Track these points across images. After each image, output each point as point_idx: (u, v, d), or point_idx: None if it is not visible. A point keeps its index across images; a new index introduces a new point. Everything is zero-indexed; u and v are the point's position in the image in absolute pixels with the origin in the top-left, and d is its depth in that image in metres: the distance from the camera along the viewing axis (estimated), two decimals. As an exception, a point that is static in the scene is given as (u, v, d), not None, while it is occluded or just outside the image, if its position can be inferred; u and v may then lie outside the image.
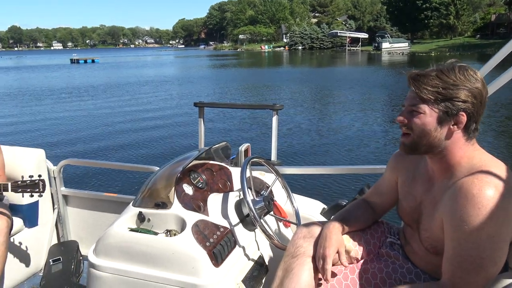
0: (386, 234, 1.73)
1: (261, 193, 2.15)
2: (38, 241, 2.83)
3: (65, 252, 2.81)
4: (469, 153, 1.36)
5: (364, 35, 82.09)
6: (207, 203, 1.94)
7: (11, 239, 2.60)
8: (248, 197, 1.80)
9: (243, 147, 2.57)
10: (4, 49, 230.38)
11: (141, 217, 1.78)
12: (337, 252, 1.54)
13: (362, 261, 1.64)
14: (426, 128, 1.34)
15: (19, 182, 2.23)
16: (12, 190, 2.23)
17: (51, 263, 2.72)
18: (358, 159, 9.00)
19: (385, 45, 68.03)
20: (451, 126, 1.33)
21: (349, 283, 1.56)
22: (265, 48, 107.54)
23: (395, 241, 1.68)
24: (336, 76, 29.09)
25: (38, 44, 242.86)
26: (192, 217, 1.73)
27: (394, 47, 66.36)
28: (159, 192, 1.84)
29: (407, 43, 69.50)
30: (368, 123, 12.97)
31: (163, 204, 1.78)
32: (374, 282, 1.56)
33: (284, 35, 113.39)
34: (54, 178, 2.93)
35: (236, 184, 2.21)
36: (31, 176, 2.26)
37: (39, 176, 2.28)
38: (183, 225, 1.70)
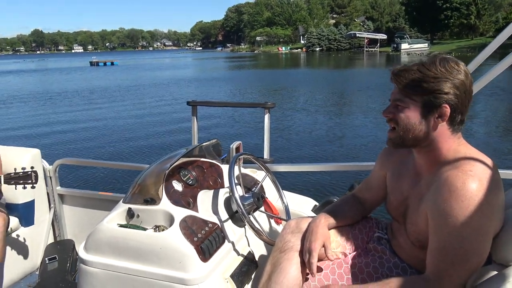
0: (374, 229, 1.73)
1: (252, 190, 2.14)
2: (35, 240, 2.83)
3: (61, 251, 2.80)
4: (454, 146, 1.36)
5: (382, 36, 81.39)
6: (196, 199, 1.94)
7: (8, 238, 2.59)
8: (236, 193, 1.79)
9: (234, 145, 2.56)
10: (27, 53, 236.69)
11: (130, 213, 1.79)
12: (324, 246, 1.55)
13: (349, 255, 1.64)
14: (410, 121, 1.35)
15: (12, 174, 2.23)
16: (5, 182, 2.23)
17: (47, 262, 2.72)
18: (352, 156, 9.15)
19: (404, 46, 67.28)
20: (435, 119, 1.33)
21: (336, 277, 1.56)
22: (282, 49, 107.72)
23: (383, 235, 1.67)
24: (351, 78, 28.97)
25: (60, 48, 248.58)
26: (180, 212, 1.73)
27: (413, 48, 65.56)
28: (148, 189, 1.84)
29: (426, 44, 68.57)
30: (365, 121, 13.03)
31: (152, 200, 1.78)
32: (361, 277, 1.55)
33: (301, 37, 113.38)
34: (50, 177, 2.94)
35: (227, 181, 2.19)
36: (23, 168, 2.25)
37: (32, 167, 2.27)
38: (171, 221, 1.70)
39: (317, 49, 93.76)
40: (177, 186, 1.95)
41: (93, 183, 7.35)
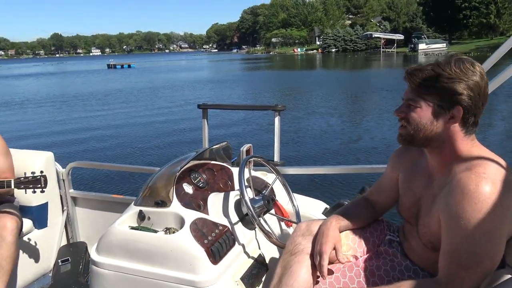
0: (386, 232, 1.72)
1: (262, 192, 2.14)
2: (48, 242, 2.86)
3: (74, 253, 2.83)
4: (467, 148, 1.35)
5: (399, 36, 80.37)
6: (207, 202, 1.95)
7: (22, 240, 2.62)
8: (246, 196, 1.80)
9: (244, 148, 2.56)
10: (46, 56, 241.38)
11: (141, 216, 1.81)
12: (334, 248, 1.54)
13: (360, 258, 1.63)
14: (422, 121, 1.34)
15: (22, 178, 2.26)
16: (15, 186, 2.27)
17: (60, 264, 2.75)
18: (363, 158, 9.02)
19: (422, 46, 66.33)
20: (448, 120, 1.32)
21: (347, 280, 1.55)
22: (298, 51, 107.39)
23: (394, 238, 1.66)
24: (366, 79, 28.69)
25: (78, 51, 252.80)
26: (191, 215, 1.74)
27: (431, 48, 64.59)
28: (159, 191, 1.86)
29: (444, 44, 67.46)
30: (378, 123, 12.88)
31: (163, 203, 1.80)
32: (372, 280, 1.54)
33: (317, 38, 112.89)
34: (63, 180, 2.97)
35: (237, 184, 2.21)
36: (33, 173, 2.28)
37: (41, 172, 2.30)
38: (181, 223, 1.71)
39: (333, 50, 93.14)
40: (188, 188, 1.97)
41: (105, 185, 7.40)
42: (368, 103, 18.35)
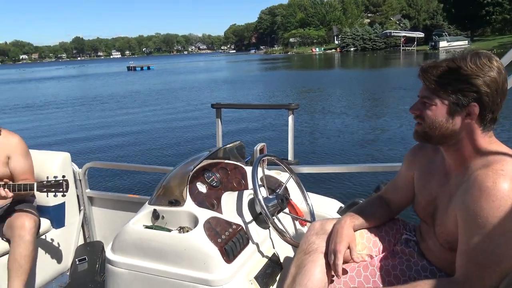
0: (402, 231, 1.69)
1: (276, 191, 2.14)
2: (65, 241, 2.90)
3: (91, 252, 2.86)
4: (485, 145, 1.31)
5: (419, 34, 79.07)
6: (220, 201, 1.96)
7: (40, 239, 2.66)
8: (259, 195, 1.79)
9: (258, 147, 2.55)
10: (68, 59, 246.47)
11: (155, 215, 1.81)
12: (349, 247, 1.53)
13: (376, 258, 1.60)
14: (437, 119, 1.32)
15: (44, 182, 2.30)
16: (37, 190, 2.30)
17: (77, 263, 2.78)
18: (378, 157, 8.93)
19: (443, 44, 65.17)
20: (464, 117, 1.28)
21: (362, 280, 1.53)
22: (316, 50, 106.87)
23: (411, 237, 1.63)
24: (385, 78, 28.29)
25: (99, 54, 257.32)
26: (204, 214, 1.74)
27: (452, 46, 63.32)
28: (173, 190, 1.87)
29: (466, 41, 66.05)
30: (395, 122, 12.72)
31: (176, 202, 1.80)
32: (388, 280, 1.51)
33: (335, 37, 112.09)
34: (80, 180, 3.01)
35: (251, 183, 2.18)
36: (55, 177, 2.32)
37: (63, 176, 2.33)
38: (195, 222, 1.71)
39: (352, 49, 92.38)
40: (201, 187, 1.97)
41: (120, 185, 7.49)
42: (386, 102, 18.12)
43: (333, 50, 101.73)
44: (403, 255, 1.58)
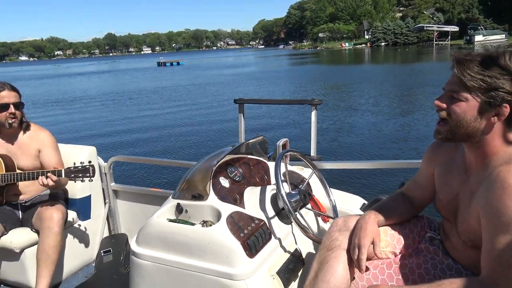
0: (426, 229, 1.65)
1: (299, 187, 2.13)
2: (91, 233, 2.96)
3: (115, 244, 2.90)
4: (507, 143, 1.26)
5: (453, 28, 76.65)
6: (243, 196, 1.96)
7: (67, 231, 2.73)
8: (282, 190, 1.79)
9: (281, 142, 2.54)
10: (101, 55, 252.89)
11: (179, 208, 1.83)
12: (373, 243, 1.50)
13: (400, 255, 1.57)
14: (465, 117, 1.25)
15: (72, 168, 2.33)
16: (65, 175, 2.34)
17: (103, 255, 2.82)
18: (404, 154, 8.76)
19: (478, 38, 63.00)
20: (492, 118, 1.23)
21: (386, 277, 1.50)
22: (346, 45, 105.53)
23: (435, 236, 1.59)
24: (415, 74, 27.50)
25: (130, 49, 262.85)
26: (227, 208, 1.75)
27: (488, 40, 61.17)
28: (196, 185, 1.88)
29: (504, 35, 63.70)
30: (422, 118, 12.45)
31: (200, 196, 1.81)
32: (412, 278, 1.48)
33: (365, 32, 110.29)
34: (105, 174, 3.05)
35: (273, 178, 2.20)
36: (81, 162, 2.35)
37: (89, 162, 2.36)
38: (218, 216, 1.72)
39: (383, 44, 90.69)
40: (224, 182, 1.97)
41: (144, 179, 7.59)
42: (415, 98, 17.60)
43: (363, 45, 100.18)
44: (427, 253, 1.55)
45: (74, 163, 2.37)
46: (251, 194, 1.98)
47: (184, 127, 13.48)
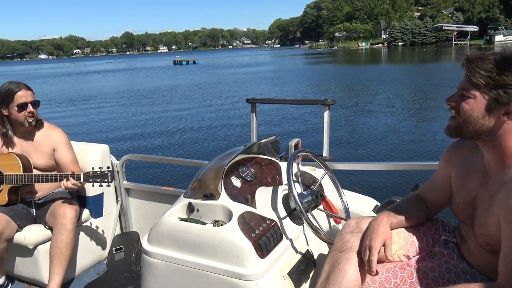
0: (441, 232, 1.62)
1: (311, 187, 2.11)
2: (103, 231, 2.98)
3: (127, 242, 2.92)
4: None
5: (473, 28, 75.24)
6: (255, 196, 1.96)
7: (80, 228, 2.75)
8: (294, 191, 1.77)
9: (293, 142, 2.52)
10: (118, 53, 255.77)
11: (190, 207, 1.83)
12: (384, 245, 1.49)
13: (413, 259, 1.55)
14: (473, 114, 1.26)
15: (91, 172, 2.35)
16: (84, 180, 2.35)
17: (114, 252, 2.84)
18: (417, 155, 8.63)
19: (499, 38, 61.76)
20: (501, 116, 1.22)
21: (399, 281, 1.48)
22: (362, 45, 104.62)
23: (450, 239, 1.56)
24: (433, 74, 27.10)
25: (147, 48, 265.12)
26: (239, 208, 1.75)
27: (509, 40, 59.88)
28: (208, 184, 1.88)
29: (525, 35, 62.16)
30: (438, 119, 12.18)
31: (211, 195, 1.81)
32: (426, 282, 1.45)
33: (382, 31, 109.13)
34: (117, 172, 3.07)
35: (285, 178, 2.18)
36: (100, 168, 2.37)
37: (108, 167, 2.39)
38: (230, 216, 1.72)
39: (400, 43, 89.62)
40: (236, 182, 1.98)
41: (156, 177, 7.62)
42: (431, 99, 17.31)
43: (380, 44, 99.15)
44: (441, 256, 1.52)
45: (93, 168, 2.40)
46: (262, 194, 1.97)
47: (197, 126, 13.52)
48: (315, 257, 1.91)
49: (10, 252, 2.55)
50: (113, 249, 2.85)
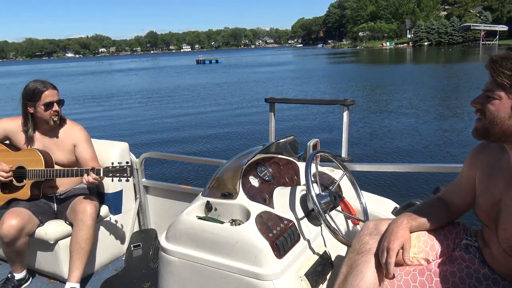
0: (462, 236, 1.57)
1: (329, 188, 2.08)
2: (122, 227, 3.01)
3: (145, 239, 2.94)
4: None
5: (502, 28, 73.24)
6: (272, 195, 1.95)
7: (99, 224, 2.79)
8: (312, 191, 1.76)
9: (311, 142, 2.49)
10: (142, 52, 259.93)
11: (208, 206, 1.83)
12: (402, 248, 1.46)
13: (433, 263, 1.51)
14: (499, 115, 1.24)
15: (110, 167, 2.38)
16: (103, 175, 2.38)
17: (132, 249, 2.86)
18: (439, 157, 8.48)
19: (529, 38, 59.76)
20: None
21: (418, 285, 1.45)
22: (386, 45, 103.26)
23: (472, 243, 1.52)
24: (458, 75, 26.46)
25: (170, 47, 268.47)
26: (256, 208, 1.74)
27: (540, 40, 57.94)
28: (226, 183, 1.87)
29: (557, 35, 60.08)
30: (461, 121, 11.95)
31: (229, 195, 1.81)
32: (446, 286, 1.43)
33: (408, 31, 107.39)
34: (136, 169, 3.09)
35: (303, 178, 2.18)
36: (119, 162, 2.39)
37: (127, 162, 2.41)
38: (247, 216, 1.71)
39: (425, 43, 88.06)
40: (254, 181, 1.96)
41: (175, 176, 7.67)
42: (456, 101, 16.86)
43: (405, 44, 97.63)
44: (462, 261, 1.48)
45: (112, 163, 2.41)
46: (280, 194, 1.96)
47: (215, 125, 13.58)
48: (333, 258, 1.89)
49: (32, 246, 2.59)
50: (131, 245, 2.87)
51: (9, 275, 2.62)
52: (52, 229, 2.55)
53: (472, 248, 1.50)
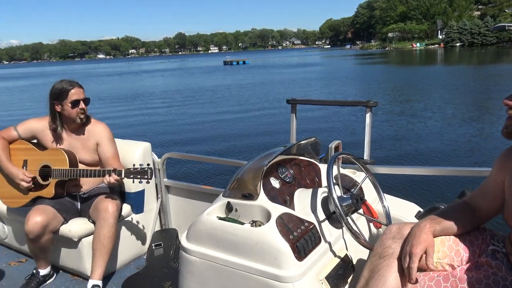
0: (488, 242, 1.51)
1: (351, 191, 2.05)
2: (143, 226, 3.04)
3: (166, 239, 2.96)
4: None
5: (539, 28, 70.46)
6: (293, 197, 1.93)
7: (121, 223, 2.82)
8: (334, 193, 1.73)
9: (333, 144, 2.46)
10: (171, 54, 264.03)
11: (229, 207, 1.82)
12: (425, 252, 1.41)
13: (458, 268, 1.46)
14: None
15: (131, 169, 2.41)
16: (125, 176, 2.41)
17: (154, 248, 2.88)
18: (462, 161, 8.26)
19: None
20: None
21: None
22: (417, 46, 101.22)
23: (499, 249, 1.45)
24: (490, 77, 25.63)
25: (198, 48, 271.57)
26: (277, 209, 1.72)
27: None
28: (247, 184, 1.86)
29: None
30: (489, 125, 11.62)
31: (250, 196, 1.80)
32: None
33: (439, 31, 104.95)
34: (158, 169, 3.12)
35: (325, 180, 2.15)
36: (141, 164, 2.42)
37: (148, 164, 2.44)
38: (268, 217, 1.70)
39: (457, 44, 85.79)
40: (275, 183, 1.95)
41: (196, 176, 7.74)
42: (488, 103, 16.36)
43: (436, 45, 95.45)
44: (488, 267, 1.42)
45: (134, 164, 2.44)
46: (301, 196, 1.94)
47: (237, 126, 13.64)
48: (354, 262, 1.86)
49: (56, 243, 2.65)
50: (153, 244, 2.89)
51: (34, 271, 2.68)
52: (75, 226, 2.59)
53: (499, 254, 1.44)
